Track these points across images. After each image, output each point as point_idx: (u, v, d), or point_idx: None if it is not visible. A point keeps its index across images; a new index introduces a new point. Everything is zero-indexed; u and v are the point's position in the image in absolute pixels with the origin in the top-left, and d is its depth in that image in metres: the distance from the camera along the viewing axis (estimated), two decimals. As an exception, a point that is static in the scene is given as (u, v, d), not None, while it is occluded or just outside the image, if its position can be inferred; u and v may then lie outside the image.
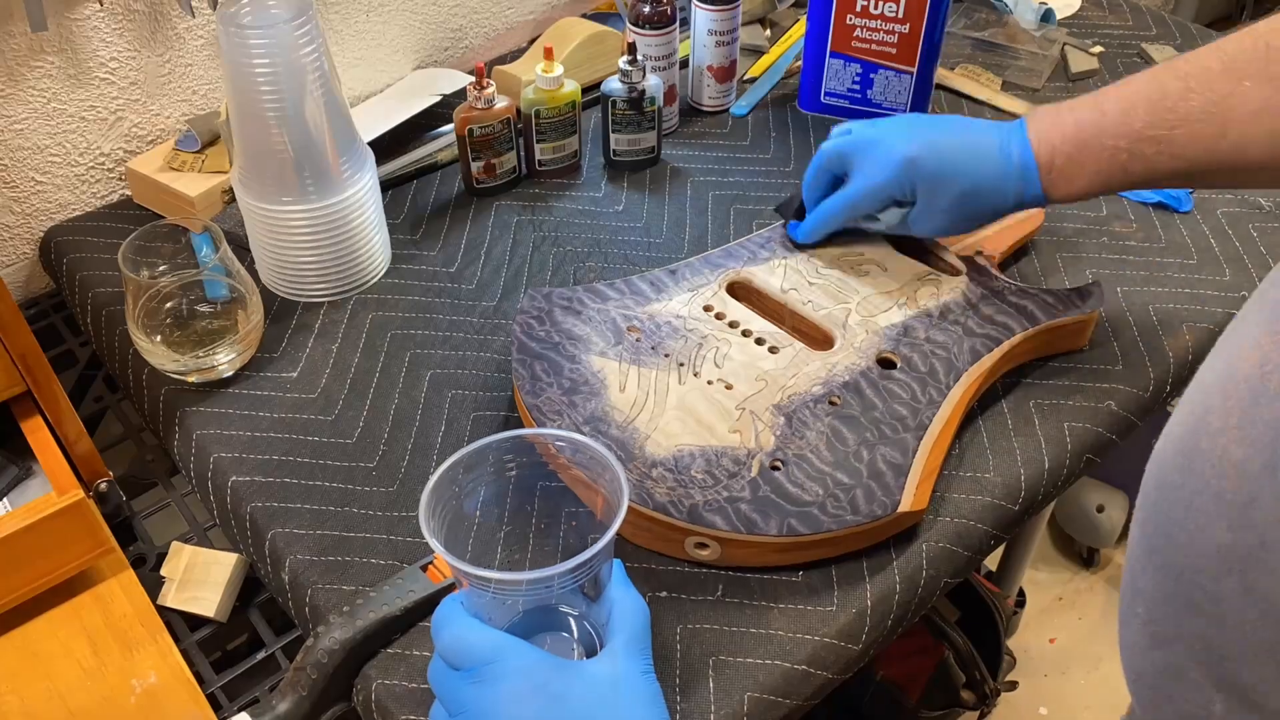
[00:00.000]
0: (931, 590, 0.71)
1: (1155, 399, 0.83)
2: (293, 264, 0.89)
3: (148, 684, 0.69)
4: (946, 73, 1.15)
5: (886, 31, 1.03)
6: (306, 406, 0.82)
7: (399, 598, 0.67)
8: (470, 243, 0.97)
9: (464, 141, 0.97)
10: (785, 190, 1.02)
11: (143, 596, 0.74)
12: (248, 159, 0.84)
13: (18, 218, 0.99)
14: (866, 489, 0.69)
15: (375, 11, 1.10)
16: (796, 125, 1.11)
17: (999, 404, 0.80)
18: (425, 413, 0.81)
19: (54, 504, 0.70)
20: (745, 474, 0.70)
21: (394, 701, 0.64)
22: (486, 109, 0.96)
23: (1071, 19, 1.26)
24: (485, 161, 0.99)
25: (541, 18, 1.26)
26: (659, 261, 0.94)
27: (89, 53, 0.95)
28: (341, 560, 0.72)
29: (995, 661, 1.42)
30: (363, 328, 0.88)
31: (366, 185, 0.87)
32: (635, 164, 1.05)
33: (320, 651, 0.64)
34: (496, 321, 0.89)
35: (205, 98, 1.04)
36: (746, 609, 0.68)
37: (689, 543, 0.69)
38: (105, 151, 1.01)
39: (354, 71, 1.12)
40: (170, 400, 0.83)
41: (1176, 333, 0.86)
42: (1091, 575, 1.83)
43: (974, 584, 1.46)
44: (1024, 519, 0.76)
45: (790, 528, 0.67)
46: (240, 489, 0.77)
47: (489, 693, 0.51)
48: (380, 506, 0.75)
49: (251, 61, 0.77)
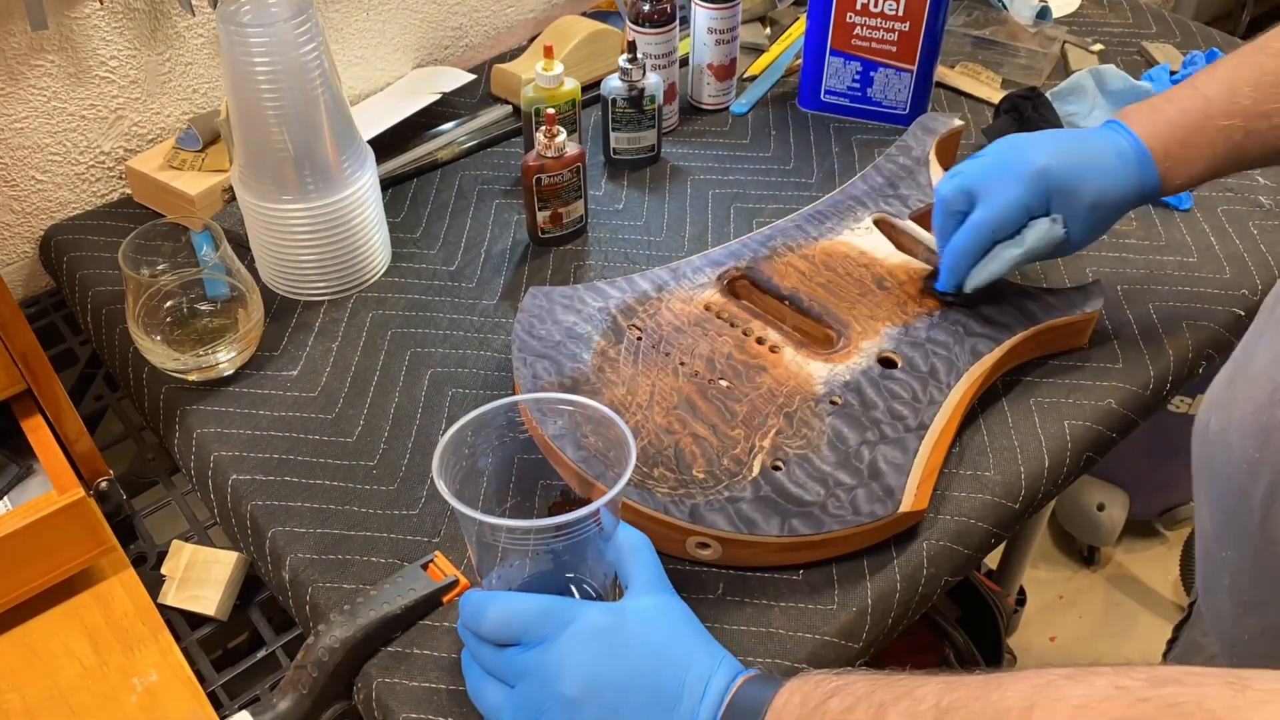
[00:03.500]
0: (932, 589, 0.71)
1: (1156, 397, 0.83)
2: (293, 262, 0.89)
3: (148, 682, 0.69)
4: (946, 71, 1.15)
5: (887, 30, 1.03)
6: (307, 405, 0.82)
7: (399, 596, 0.67)
8: (470, 241, 0.97)
9: (530, 191, 0.91)
10: (785, 189, 1.02)
11: (143, 595, 0.74)
12: (248, 157, 0.84)
13: (18, 216, 0.99)
14: (868, 489, 0.69)
15: (375, 10, 1.10)
16: (796, 123, 1.11)
17: (999, 402, 0.80)
18: (425, 411, 0.81)
19: (54, 503, 0.70)
20: (746, 474, 0.70)
21: (395, 700, 0.64)
22: (557, 158, 0.90)
23: (1071, 16, 1.26)
24: (552, 210, 0.93)
25: (541, 16, 1.26)
26: (659, 260, 0.94)
27: (89, 51, 0.95)
28: (342, 558, 0.72)
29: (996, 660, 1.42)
30: (363, 326, 0.88)
31: (367, 184, 0.87)
32: (635, 162, 1.05)
33: (321, 650, 0.64)
34: (497, 320, 0.89)
35: (206, 96, 1.04)
36: (747, 607, 0.68)
37: (690, 543, 0.69)
38: (105, 150, 1.01)
39: (354, 70, 1.12)
40: (170, 399, 0.83)
41: (1177, 331, 0.86)
42: (1092, 574, 1.83)
43: (974, 582, 1.46)
44: (1024, 517, 0.76)
45: (791, 528, 0.67)
46: (240, 487, 0.76)
47: (552, 650, 0.54)
48: (381, 505, 0.75)
49: (252, 60, 0.77)
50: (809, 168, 1.05)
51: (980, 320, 0.80)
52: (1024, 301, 0.82)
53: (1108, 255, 0.93)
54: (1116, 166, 0.75)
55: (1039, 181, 0.75)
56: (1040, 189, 0.75)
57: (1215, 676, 0.37)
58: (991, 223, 0.76)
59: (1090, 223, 0.76)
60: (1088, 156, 0.75)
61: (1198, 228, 0.96)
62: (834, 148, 1.07)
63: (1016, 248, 0.76)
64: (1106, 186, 0.75)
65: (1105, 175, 0.75)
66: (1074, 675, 0.40)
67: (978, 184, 0.77)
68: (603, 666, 0.54)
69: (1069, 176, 0.75)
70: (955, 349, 0.78)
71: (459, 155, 1.06)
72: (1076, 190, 0.75)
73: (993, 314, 0.81)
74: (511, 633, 0.56)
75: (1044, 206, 0.76)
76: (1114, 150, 0.75)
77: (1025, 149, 0.76)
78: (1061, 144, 0.77)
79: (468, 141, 1.07)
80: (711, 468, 0.70)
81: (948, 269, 0.79)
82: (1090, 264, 0.92)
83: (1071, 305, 0.82)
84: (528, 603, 0.56)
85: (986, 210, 0.76)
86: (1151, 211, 0.98)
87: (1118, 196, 0.75)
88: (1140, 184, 0.75)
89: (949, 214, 0.79)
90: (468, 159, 1.06)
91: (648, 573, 0.59)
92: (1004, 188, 0.75)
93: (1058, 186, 0.75)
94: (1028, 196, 0.75)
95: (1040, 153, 0.75)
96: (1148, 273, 0.92)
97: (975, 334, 0.79)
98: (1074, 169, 0.75)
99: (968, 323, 0.80)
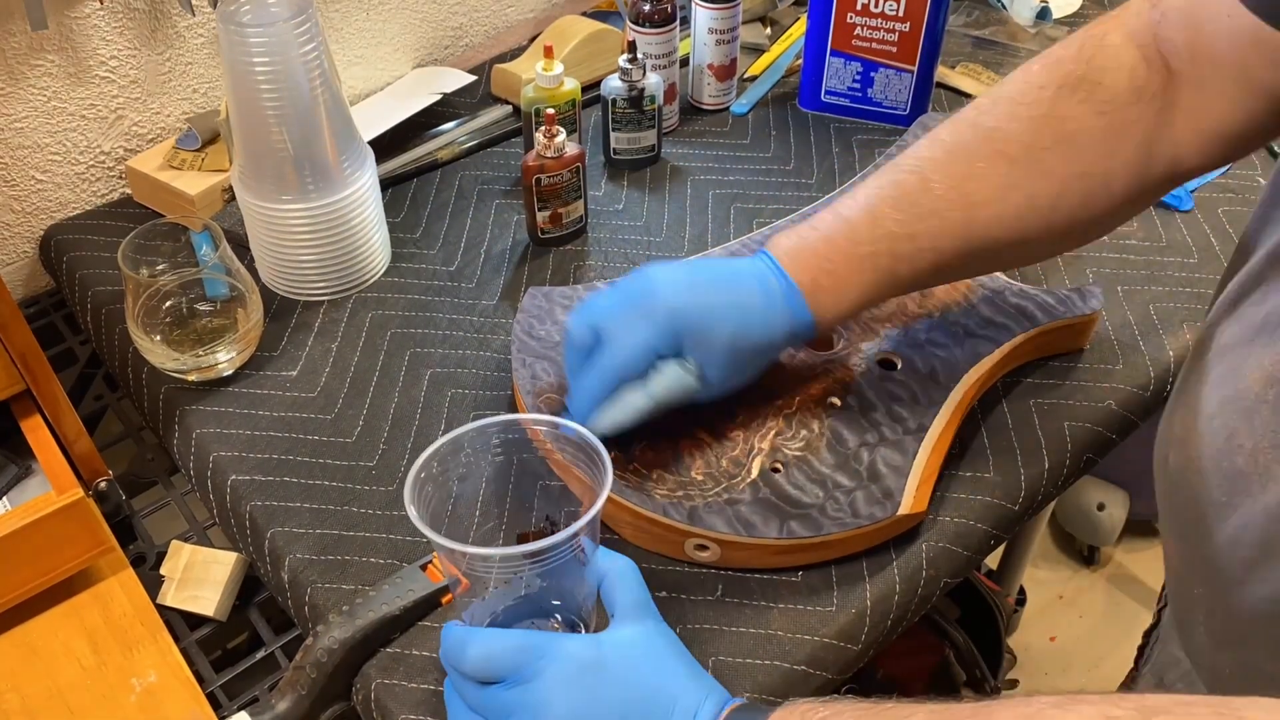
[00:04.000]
0: (931, 590, 0.71)
1: (1156, 398, 0.83)
2: (292, 262, 0.88)
3: (147, 683, 0.69)
4: (947, 71, 1.15)
5: (887, 30, 1.03)
6: (306, 405, 0.82)
7: (398, 597, 0.67)
8: (470, 241, 0.97)
9: (530, 191, 0.91)
10: (785, 190, 1.02)
11: (142, 595, 0.74)
12: (248, 157, 0.84)
13: (18, 216, 0.99)
14: (867, 491, 0.69)
15: (375, 10, 1.10)
16: (797, 124, 1.11)
17: (999, 404, 0.80)
18: (425, 412, 0.81)
19: (54, 503, 0.70)
20: (745, 476, 0.70)
21: (393, 701, 0.64)
22: (557, 158, 0.90)
23: (1072, 17, 1.26)
24: (552, 211, 0.93)
25: (541, 16, 1.26)
26: (659, 260, 0.94)
27: (89, 51, 0.95)
28: (341, 559, 0.72)
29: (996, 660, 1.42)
30: (362, 326, 0.88)
31: (366, 184, 0.87)
32: (635, 162, 1.04)
33: (320, 650, 0.64)
34: (496, 320, 0.89)
35: (205, 96, 1.04)
36: (746, 609, 0.68)
37: (689, 544, 0.69)
38: (105, 150, 1.01)
39: (354, 70, 1.12)
40: (170, 399, 0.83)
41: (1177, 332, 0.86)
42: (1092, 573, 1.83)
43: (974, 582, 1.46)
44: (1024, 519, 0.76)
45: (790, 530, 0.67)
46: (240, 488, 0.77)
47: (537, 687, 0.54)
48: (380, 505, 0.75)
49: (251, 60, 0.77)
50: (809, 168, 1.04)
51: (980, 322, 0.80)
52: (1024, 303, 0.82)
53: (1108, 255, 0.93)
54: (761, 305, 0.68)
55: (669, 322, 0.67)
56: (669, 330, 0.67)
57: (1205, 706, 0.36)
58: (614, 366, 0.68)
59: (731, 365, 0.69)
60: (728, 295, 0.68)
61: (1198, 228, 0.96)
62: (834, 148, 1.07)
63: (643, 395, 0.68)
64: (747, 328, 0.68)
65: (747, 315, 0.68)
66: (1062, 704, 0.39)
67: (604, 321, 0.68)
68: (588, 706, 0.53)
69: (703, 317, 0.67)
70: (955, 351, 0.78)
71: (459, 155, 1.06)
72: (710, 332, 0.67)
73: (992, 316, 0.81)
74: (492, 670, 0.55)
75: (674, 348, 0.68)
76: (760, 288, 0.68)
77: (657, 287, 0.68)
78: (700, 281, 0.69)
79: (468, 141, 1.07)
80: (710, 470, 0.70)
81: (574, 409, 0.70)
82: (1090, 265, 0.92)
83: (1071, 307, 0.82)
84: (508, 640, 0.55)
85: (610, 351, 0.68)
86: (1152, 211, 0.98)
87: (761, 338, 0.68)
88: (789, 322, 0.68)
89: (575, 350, 0.70)
90: (468, 159, 1.06)
91: (631, 599, 0.58)
92: (630, 328, 0.67)
93: (690, 328, 0.67)
94: (655, 339, 0.67)
95: (673, 291, 0.68)
96: (1148, 273, 0.91)
97: (975, 336, 0.79)
98: (709, 309, 0.67)
99: (967, 324, 0.80)
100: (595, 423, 0.69)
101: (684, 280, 0.69)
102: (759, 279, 0.68)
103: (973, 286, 0.83)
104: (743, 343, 0.68)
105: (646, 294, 0.68)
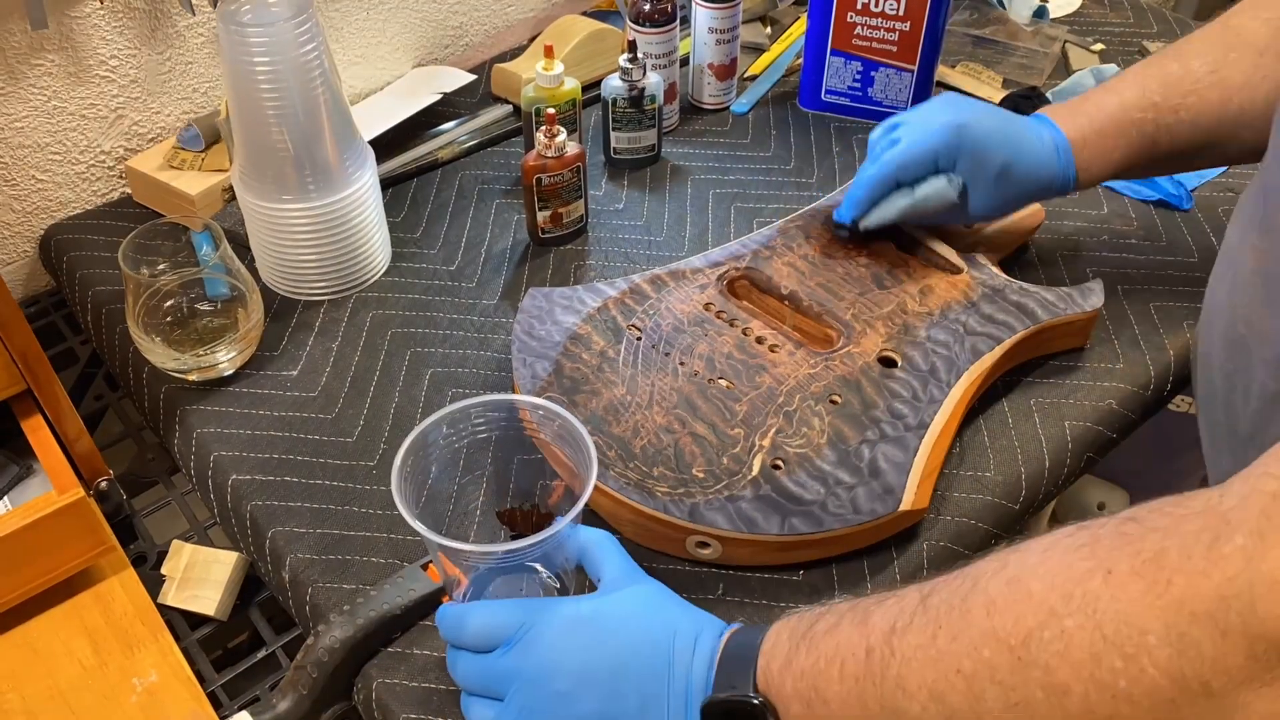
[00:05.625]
0: (932, 589, 0.70)
1: (1156, 397, 0.83)
2: (293, 262, 0.88)
3: (148, 682, 0.69)
4: (947, 70, 1.15)
5: (887, 29, 1.03)
6: (307, 405, 0.82)
7: (399, 596, 0.67)
8: (470, 241, 0.97)
9: (530, 191, 0.91)
10: (785, 189, 1.02)
11: (143, 595, 0.74)
12: (248, 157, 0.84)
13: (18, 216, 0.99)
14: (868, 487, 0.69)
15: (375, 9, 1.10)
16: (797, 123, 1.11)
17: (1000, 402, 0.80)
18: (426, 411, 0.81)
19: (54, 502, 0.70)
20: (746, 473, 0.70)
21: (395, 700, 0.64)
22: (557, 158, 0.90)
23: (1072, 16, 1.26)
24: (552, 210, 0.93)
25: (541, 15, 1.26)
26: (659, 260, 0.94)
27: (89, 50, 0.95)
28: (342, 559, 0.72)
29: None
30: (363, 326, 0.88)
31: (367, 183, 0.87)
32: (635, 162, 1.04)
33: (321, 650, 0.64)
34: (497, 320, 0.89)
35: (206, 96, 1.04)
36: (747, 607, 0.68)
37: (690, 542, 0.69)
38: (105, 149, 1.01)
39: (354, 69, 1.12)
40: (170, 398, 0.83)
41: (1177, 331, 0.86)
42: (1092, 573, 1.82)
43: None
44: (1025, 518, 0.76)
45: (791, 527, 0.67)
46: (240, 487, 0.76)
47: (535, 649, 0.55)
48: (380, 505, 0.75)
49: (252, 59, 0.77)
50: (810, 167, 1.04)
51: (980, 319, 0.80)
52: (1024, 300, 0.82)
53: (1108, 255, 0.93)
54: (1035, 146, 0.78)
55: (954, 136, 0.77)
56: (952, 143, 0.78)
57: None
58: (898, 161, 0.79)
59: (995, 194, 0.79)
60: (1008, 130, 0.79)
61: (1198, 227, 0.96)
62: (835, 147, 1.07)
63: (906, 196, 0.80)
64: (1018, 163, 0.78)
65: (1020, 152, 0.78)
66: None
67: (904, 125, 0.80)
68: (591, 655, 0.54)
69: (983, 139, 0.77)
70: (955, 348, 0.78)
71: (459, 155, 1.06)
72: (986, 155, 0.78)
73: (993, 313, 0.81)
74: (493, 639, 0.56)
75: (950, 163, 0.78)
76: (1036, 134, 0.79)
77: (957, 105, 0.80)
78: (990, 113, 0.80)
79: (468, 141, 1.07)
80: (711, 467, 0.70)
81: (850, 198, 0.83)
82: (1091, 264, 0.92)
83: (1071, 304, 0.82)
84: (503, 610, 0.57)
85: (899, 149, 0.79)
86: (1152, 211, 0.98)
87: (1025, 175, 0.78)
88: (1054, 171, 0.78)
89: (872, 150, 0.83)
90: (468, 159, 1.06)
91: (618, 565, 0.59)
92: (921, 132, 0.79)
93: (970, 147, 0.77)
94: (939, 146, 0.78)
95: (967, 112, 0.79)
96: (1148, 273, 0.92)
97: (975, 333, 0.79)
98: (990, 133, 0.78)
99: (967, 322, 0.80)
100: (869, 216, 0.82)
101: (980, 108, 0.80)
102: (1037, 130, 0.79)
103: (973, 284, 0.83)
104: (1010, 174, 0.78)
105: (946, 110, 0.79)
